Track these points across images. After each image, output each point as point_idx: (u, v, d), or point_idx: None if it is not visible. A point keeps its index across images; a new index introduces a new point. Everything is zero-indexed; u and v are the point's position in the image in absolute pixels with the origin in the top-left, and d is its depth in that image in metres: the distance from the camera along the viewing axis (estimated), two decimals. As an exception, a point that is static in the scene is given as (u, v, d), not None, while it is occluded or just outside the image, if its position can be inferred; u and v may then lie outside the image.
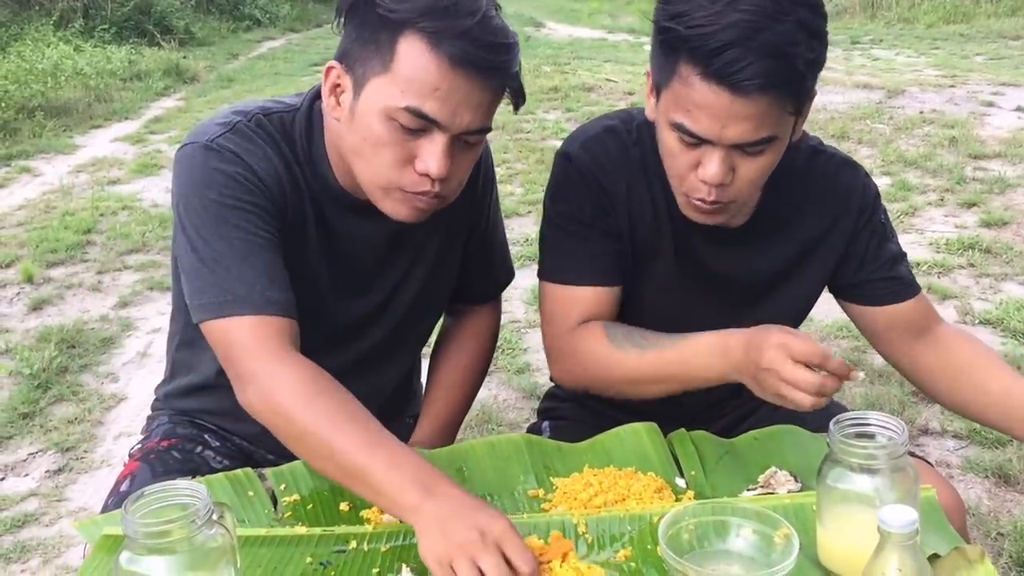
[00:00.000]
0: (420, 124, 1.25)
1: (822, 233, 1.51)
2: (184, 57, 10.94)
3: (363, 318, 1.53)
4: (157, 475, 1.45)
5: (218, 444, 1.58)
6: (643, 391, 1.42)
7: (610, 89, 8.57)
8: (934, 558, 1.08)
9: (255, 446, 1.60)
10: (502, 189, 5.42)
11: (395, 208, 1.33)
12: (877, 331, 1.55)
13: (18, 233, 5.10)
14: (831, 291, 1.60)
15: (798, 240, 1.51)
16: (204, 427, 1.60)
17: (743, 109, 1.21)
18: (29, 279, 4.35)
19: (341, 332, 1.52)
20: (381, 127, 1.26)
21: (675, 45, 1.24)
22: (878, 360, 3.24)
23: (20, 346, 3.66)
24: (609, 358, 1.40)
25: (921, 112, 7.12)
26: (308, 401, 1.23)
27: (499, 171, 5.96)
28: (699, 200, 1.33)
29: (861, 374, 1.24)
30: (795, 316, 1.60)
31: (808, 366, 1.20)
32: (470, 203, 1.55)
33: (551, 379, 1.62)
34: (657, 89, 1.32)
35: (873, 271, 1.52)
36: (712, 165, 1.27)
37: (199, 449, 1.54)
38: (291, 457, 1.43)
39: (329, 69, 1.32)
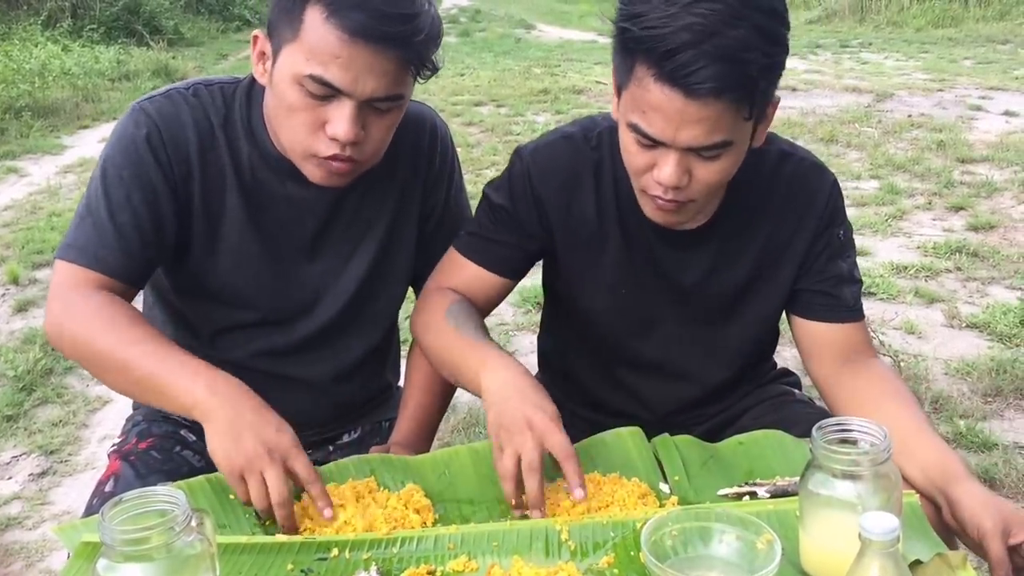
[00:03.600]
0: (326, 91, 1.31)
1: (787, 237, 1.50)
2: (173, 57, 10.89)
3: (316, 288, 1.56)
4: (141, 475, 1.46)
5: (194, 439, 1.59)
6: (437, 366, 1.49)
7: (600, 91, 8.58)
8: (916, 564, 1.08)
9: None
10: (491, 191, 5.41)
11: (313, 172, 1.39)
12: (805, 346, 1.53)
13: (4, 234, 5.07)
14: None
15: (762, 246, 1.50)
16: (178, 422, 1.61)
17: (696, 112, 1.21)
18: (14, 280, 4.33)
19: (296, 303, 1.56)
20: (292, 93, 1.32)
21: (631, 46, 1.25)
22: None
23: (4, 348, 3.64)
24: (433, 324, 1.46)
25: (910, 116, 7.16)
26: (99, 325, 1.34)
27: (489, 173, 5.97)
28: (657, 197, 1.34)
29: (580, 493, 1.23)
30: (764, 327, 1.59)
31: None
32: (424, 179, 1.60)
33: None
34: (618, 89, 1.33)
35: (813, 282, 1.50)
36: (667, 167, 1.28)
37: (178, 448, 1.55)
38: None
39: (255, 38, 1.40)
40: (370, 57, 1.28)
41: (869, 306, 3.82)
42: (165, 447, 1.54)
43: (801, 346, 1.54)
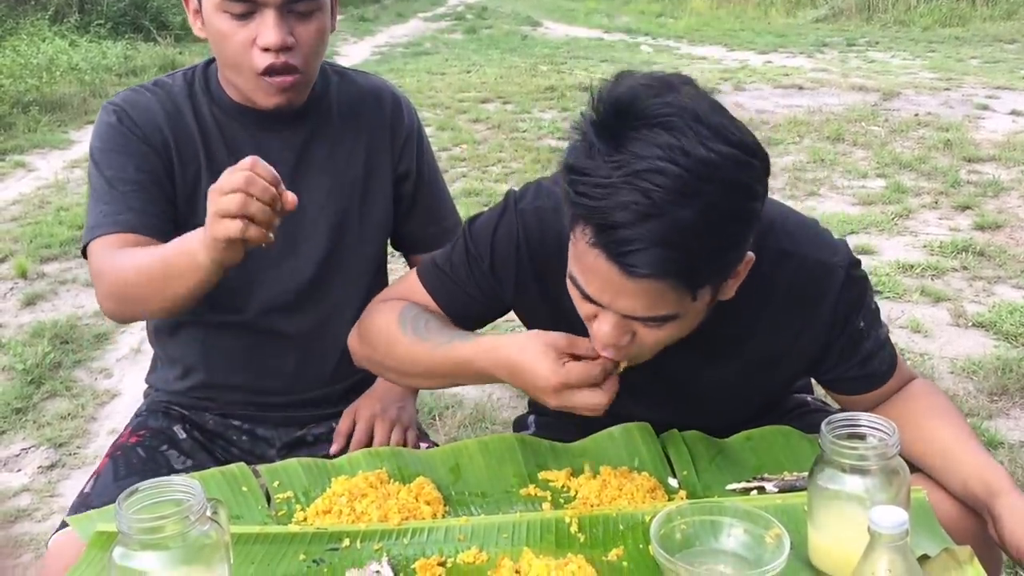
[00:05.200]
0: (245, 7, 1.43)
1: (786, 345, 1.36)
2: (180, 53, 10.90)
3: (294, 240, 1.59)
4: (119, 478, 1.49)
5: (183, 437, 1.63)
6: (415, 382, 1.47)
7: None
8: (924, 559, 1.09)
9: (227, 417, 1.68)
10: (496, 187, 5.42)
11: (266, 97, 1.50)
12: (843, 404, 1.47)
13: (12, 228, 5.09)
14: None
15: (756, 354, 1.37)
16: (175, 416, 1.65)
17: (634, 288, 1.09)
18: (23, 274, 4.34)
19: (275, 257, 1.57)
20: (219, 22, 1.45)
21: (571, 200, 1.10)
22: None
23: (13, 341, 3.65)
24: (390, 336, 1.37)
25: (916, 115, 7.15)
26: (120, 262, 1.43)
27: (494, 170, 5.97)
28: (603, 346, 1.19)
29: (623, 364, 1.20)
30: (766, 406, 1.53)
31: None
32: (391, 143, 1.67)
33: None
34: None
35: (844, 371, 1.39)
36: (605, 326, 1.16)
37: (164, 447, 1.58)
38: (264, 422, 1.68)
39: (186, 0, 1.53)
40: None
41: (875, 304, 3.82)
42: (152, 444, 1.58)
43: (838, 403, 1.49)
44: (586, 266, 1.12)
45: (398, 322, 1.37)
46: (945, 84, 8.37)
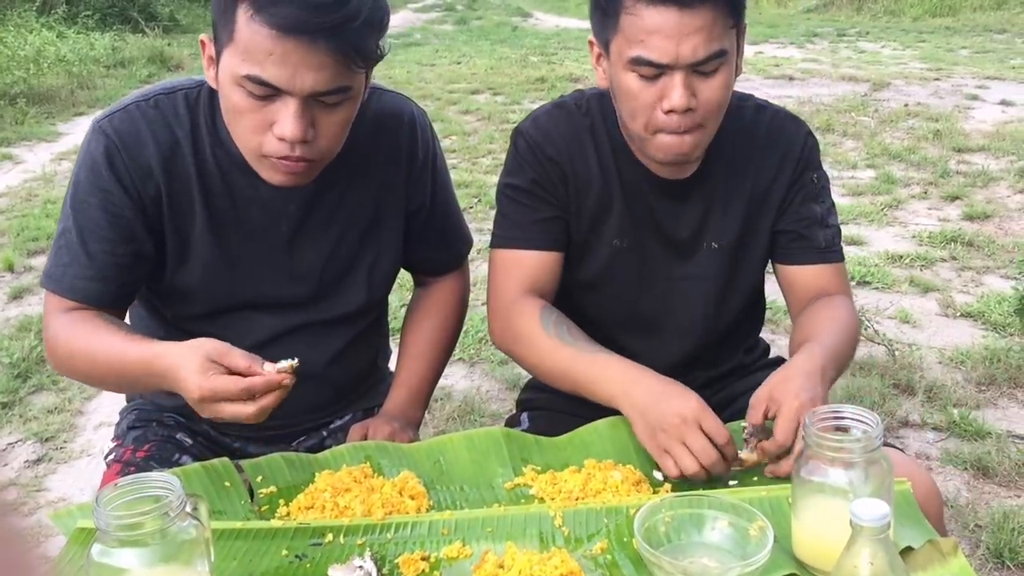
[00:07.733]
0: (266, 91, 1.26)
1: (768, 185, 1.55)
2: (168, 44, 10.85)
3: (298, 284, 1.52)
4: None
5: (190, 442, 1.56)
6: (551, 381, 1.48)
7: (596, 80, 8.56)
8: (908, 551, 1.09)
9: (218, 431, 1.61)
10: (487, 179, 5.41)
11: (270, 174, 1.36)
12: (785, 290, 1.60)
13: (-1, 221, 5.07)
14: None
15: (749, 196, 1.55)
16: (172, 425, 1.58)
17: (691, 22, 1.31)
18: (10, 268, 4.32)
19: (276, 299, 1.52)
20: (236, 95, 1.29)
21: None
22: (860, 353, 3.25)
23: (0, 335, 3.64)
24: (533, 340, 1.46)
25: (906, 105, 7.16)
26: (77, 343, 1.38)
27: (485, 161, 5.96)
28: (665, 134, 1.38)
29: (751, 456, 1.28)
30: (755, 280, 1.64)
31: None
32: (407, 177, 1.57)
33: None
34: (605, 45, 1.41)
35: (788, 224, 1.56)
36: (675, 91, 1.34)
37: (176, 456, 1.52)
38: (255, 439, 1.61)
39: (203, 43, 1.36)
40: (303, 51, 1.22)
41: (864, 295, 3.83)
42: (163, 455, 1.51)
43: (784, 293, 1.61)
44: (647, 30, 1.32)
45: (540, 325, 1.46)
46: (935, 74, 8.38)
